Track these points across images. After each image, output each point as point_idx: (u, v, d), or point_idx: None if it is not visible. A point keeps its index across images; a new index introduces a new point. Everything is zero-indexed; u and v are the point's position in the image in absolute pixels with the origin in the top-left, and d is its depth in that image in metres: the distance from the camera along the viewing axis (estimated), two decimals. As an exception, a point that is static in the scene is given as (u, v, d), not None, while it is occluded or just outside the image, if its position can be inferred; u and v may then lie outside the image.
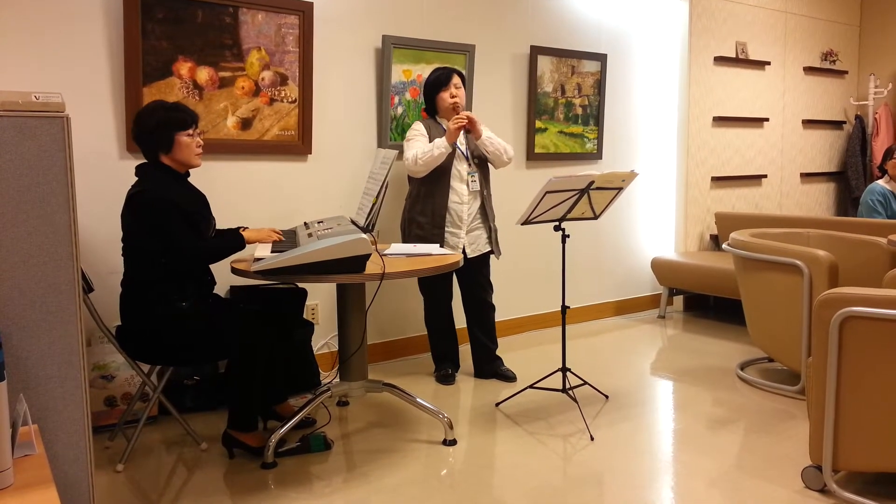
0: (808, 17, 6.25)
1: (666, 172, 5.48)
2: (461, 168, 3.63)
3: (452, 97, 3.62)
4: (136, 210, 2.72)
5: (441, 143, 3.50)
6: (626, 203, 5.21)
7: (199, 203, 2.89)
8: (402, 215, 3.77)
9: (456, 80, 3.64)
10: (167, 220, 2.69)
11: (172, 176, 2.82)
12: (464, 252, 3.64)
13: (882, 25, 6.67)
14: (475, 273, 3.77)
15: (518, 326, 4.73)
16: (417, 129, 3.63)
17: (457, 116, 3.53)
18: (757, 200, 5.98)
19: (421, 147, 3.53)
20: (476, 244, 3.71)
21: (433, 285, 3.76)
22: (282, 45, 3.62)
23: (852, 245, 3.80)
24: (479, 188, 3.69)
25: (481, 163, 3.71)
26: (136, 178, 2.81)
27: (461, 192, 3.64)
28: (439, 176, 3.58)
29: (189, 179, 2.91)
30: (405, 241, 3.68)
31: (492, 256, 3.80)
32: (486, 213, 3.73)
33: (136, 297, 2.77)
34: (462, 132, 3.60)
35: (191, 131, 2.80)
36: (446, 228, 3.62)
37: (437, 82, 3.64)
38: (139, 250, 2.75)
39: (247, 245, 2.91)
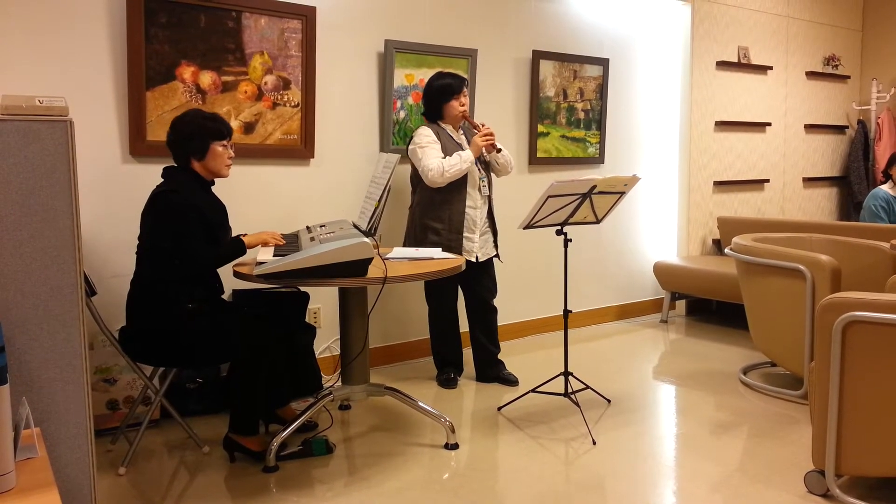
0: (810, 21, 6.26)
1: (668, 177, 5.48)
2: (475, 174, 3.63)
3: (462, 106, 3.62)
4: (160, 209, 2.75)
5: (469, 158, 3.51)
6: (629, 207, 5.21)
7: (220, 212, 2.92)
8: (412, 221, 3.74)
9: (465, 89, 3.65)
10: (186, 225, 2.72)
11: (199, 182, 2.85)
12: (476, 256, 3.66)
13: (884, 30, 6.67)
14: (482, 276, 3.78)
15: (520, 330, 4.73)
16: (428, 136, 3.59)
17: (485, 134, 3.53)
18: (759, 205, 5.97)
19: (443, 158, 3.50)
20: (485, 248, 3.73)
21: (441, 289, 3.75)
22: (284, 50, 3.63)
23: (855, 250, 3.80)
24: (488, 193, 3.70)
25: (486, 167, 3.72)
26: (163, 180, 2.85)
27: (475, 198, 3.64)
28: (457, 182, 3.57)
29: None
30: (418, 247, 3.65)
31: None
32: (492, 216, 3.76)
33: (147, 297, 2.79)
34: (466, 140, 3.64)
35: (225, 142, 2.86)
36: (463, 234, 3.62)
37: (449, 90, 3.61)
38: (156, 249, 2.77)
39: (247, 251, 2.92)
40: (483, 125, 3.61)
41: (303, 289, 3.25)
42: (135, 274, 2.84)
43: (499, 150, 3.63)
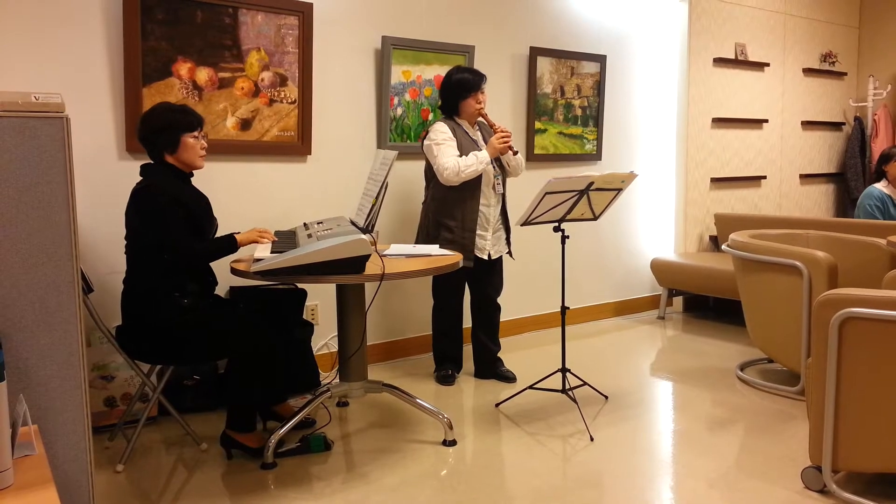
0: (807, 18, 6.26)
1: (665, 173, 5.49)
2: (489, 171, 3.61)
3: (479, 103, 3.60)
4: (141, 204, 2.74)
5: (485, 159, 3.48)
6: (626, 204, 5.22)
7: (202, 203, 2.90)
8: (425, 217, 3.71)
9: (482, 86, 3.61)
10: (166, 217, 2.71)
11: (177, 175, 2.84)
12: (488, 253, 3.67)
13: (881, 27, 6.68)
14: (492, 274, 3.78)
15: (518, 327, 4.73)
16: (444, 132, 3.55)
17: (502, 136, 3.50)
18: (756, 201, 5.98)
19: (459, 157, 3.48)
20: (497, 245, 3.73)
21: (450, 285, 3.74)
22: (281, 46, 3.62)
23: (851, 246, 3.80)
24: (502, 191, 3.70)
25: (501, 165, 3.70)
26: (141, 177, 2.82)
27: (489, 196, 3.64)
28: (472, 180, 3.54)
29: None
30: (431, 244, 3.63)
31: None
32: (505, 214, 3.75)
33: (138, 295, 2.78)
34: (482, 136, 3.66)
35: (196, 133, 2.83)
36: (476, 232, 3.62)
37: (467, 86, 3.57)
38: (142, 247, 2.76)
39: (239, 247, 2.90)
40: (500, 127, 3.56)
41: (300, 285, 3.25)
42: (126, 272, 2.83)
43: (515, 153, 3.61)
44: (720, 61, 5.55)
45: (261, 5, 3.52)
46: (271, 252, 2.80)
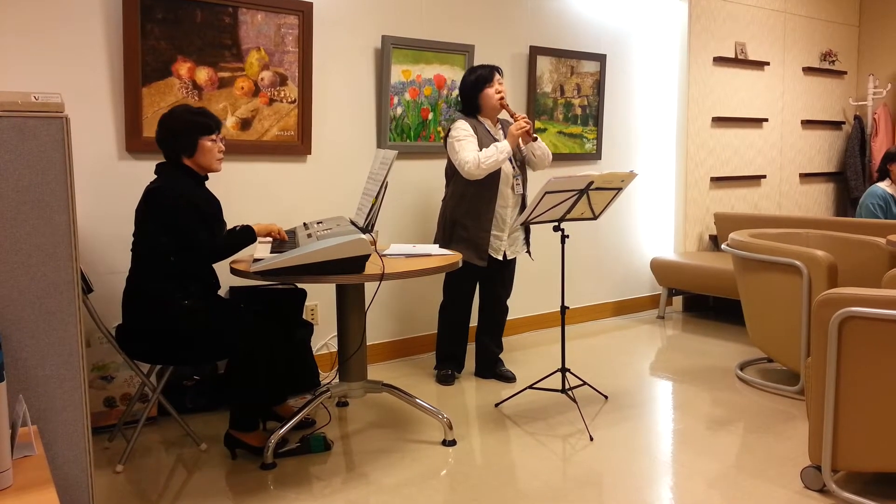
0: (807, 17, 6.26)
1: (665, 173, 5.48)
2: (508, 172, 3.59)
3: (498, 92, 3.58)
4: (154, 205, 2.74)
5: (505, 148, 3.45)
6: (626, 203, 5.21)
7: (215, 206, 2.91)
8: (443, 215, 3.70)
9: (497, 76, 3.60)
10: (184, 217, 2.71)
11: (192, 177, 2.84)
12: (504, 254, 3.67)
13: (881, 26, 6.68)
14: (503, 274, 3.78)
15: (518, 327, 4.73)
16: (465, 129, 3.54)
17: (519, 123, 3.48)
18: (756, 201, 5.98)
19: (479, 149, 3.47)
20: (514, 246, 3.72)
21: (461, 284, 3.73)
22: (281, 46, 3.62)
23: (851, 245, 3.80)
24: (522, 191, 3.68)
25: (522, 166, 3.69)
26: (156, 176, 2.83)
27: (507, 196, 3.61)
28: (489, 179, 3.53)
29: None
30: (446, 243, 3.61)
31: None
32: None
33: (140, 294, 2.78)
34: (502, 132, 3.65)
35: (214, 136, 2.84)
36: (492, 231, 3.61)
37: (481, 80, 3.57)
38: (150, 246, 2.76)
39: (258, 238, 2.91)
40: (521, 116, 3.53)
41: (300, 285, 3.25)
42: (130, 271, 2.84)
43: (535, 139, 3.57)
44: (720, 60, 5.54)
45: (260, 5, 3.52)
46: (271, 252, 2.80)
